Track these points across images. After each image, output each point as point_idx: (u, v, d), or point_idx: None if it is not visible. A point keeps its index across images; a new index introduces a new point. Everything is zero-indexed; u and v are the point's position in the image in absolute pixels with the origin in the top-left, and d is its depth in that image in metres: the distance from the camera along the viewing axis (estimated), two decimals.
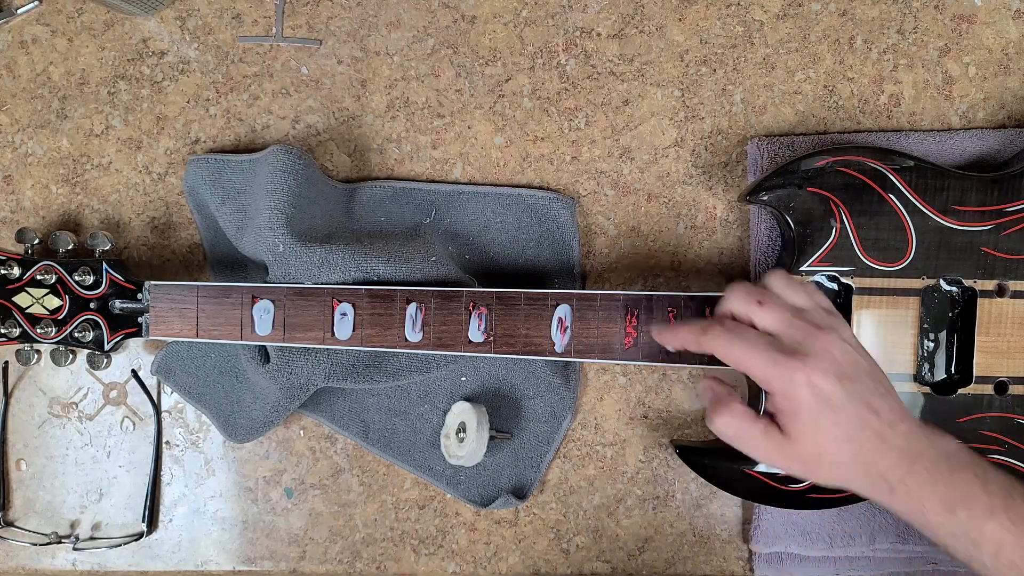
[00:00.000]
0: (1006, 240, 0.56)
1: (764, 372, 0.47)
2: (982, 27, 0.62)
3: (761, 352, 0.47)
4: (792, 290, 0.50)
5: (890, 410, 0.47)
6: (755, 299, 0.49)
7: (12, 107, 0.66)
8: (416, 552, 0.66)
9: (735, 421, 0.49)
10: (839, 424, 0.46)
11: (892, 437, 0.46)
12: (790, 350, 0.47)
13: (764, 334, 0.48)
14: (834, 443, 0.46)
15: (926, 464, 0.46)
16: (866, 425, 0.46)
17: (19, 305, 0.60)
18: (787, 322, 0.48)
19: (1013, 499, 0.45)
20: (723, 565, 0.65)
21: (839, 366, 0.46)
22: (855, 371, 0.47)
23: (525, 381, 0.64)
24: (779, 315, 0.48)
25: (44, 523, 0.67)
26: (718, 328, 0.49)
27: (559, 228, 0.63)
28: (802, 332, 0.47)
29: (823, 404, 0.46)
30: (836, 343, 0.47)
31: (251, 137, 0.65)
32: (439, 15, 0.64)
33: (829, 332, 0.47)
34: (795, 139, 0.62)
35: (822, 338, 0.47)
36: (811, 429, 0.47)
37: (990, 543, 0.44)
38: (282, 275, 0.59)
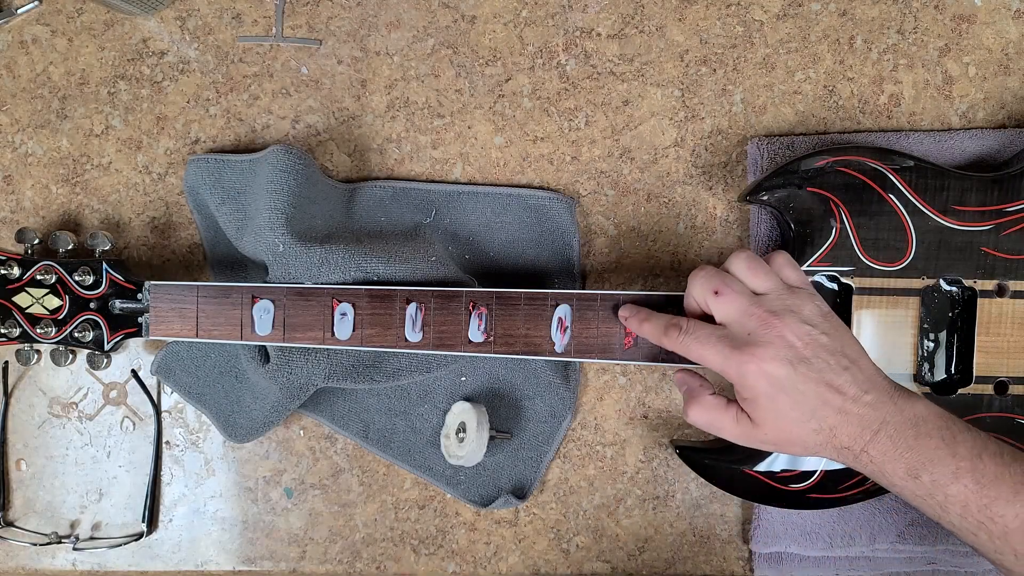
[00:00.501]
0: (1006, 240, 0.56)
1: (719, 366, 0.49)
2: (982, 27, 0.62)
3: (713, 348, 0.49)
4: (752, 273, 0.50)
5: (852, 382, 0.47)
6: (711, 288, 0.50)
7: (12, 107, 0.66)
8: (416, 552, 0.66)
9: (706, 412, 0.51)
10: (796, 406, 0.47)
11: (854, 409, 0.47)
12: (741, 343, 0.48)
13: (717, 327, 0.50)
14: (795, 424, 0.48)
15: (890, 432, 0.46)
16: (825, 403, 0.47)
17: (19, 305, 0.60)
18: (741, 311, 0.49)
19: (981, 460, 0.46)
20: (723, 565, 0.65)
21: (792, 350, 0.47)
22: (812, 351, 0.47)
23: (525, 381, 0.64)
24: (733, 305, 0.49)
25: (44, 523, 0.67)
26: (674, 331, 0.51)
27: (559, 228, 0.63)
28: (755, 321, 0.48)
29: (777, 390, 0.47)
30: (791, 326, 0.48)
31: (251, 137, 0.65)
32: (439, 15, 0.64)
33: (784, 316, 0.48)
34: (795, 139, 0.62)
35: (775, 325, 0.48)
36: (772, 414, 0.48)
37: (956, 504, 0.46)
38: (282, 275, 0.59)
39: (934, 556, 0.63)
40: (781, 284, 0.50)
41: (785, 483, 0.57)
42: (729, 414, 0.50)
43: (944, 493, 0.46)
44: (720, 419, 0.50)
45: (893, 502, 0.62)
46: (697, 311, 0.52)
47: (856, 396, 0.47)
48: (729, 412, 0.50)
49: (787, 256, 0.52)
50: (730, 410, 0.50)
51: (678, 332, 0.51)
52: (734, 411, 0.50)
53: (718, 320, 0.50)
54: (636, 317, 0.54)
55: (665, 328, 0.52)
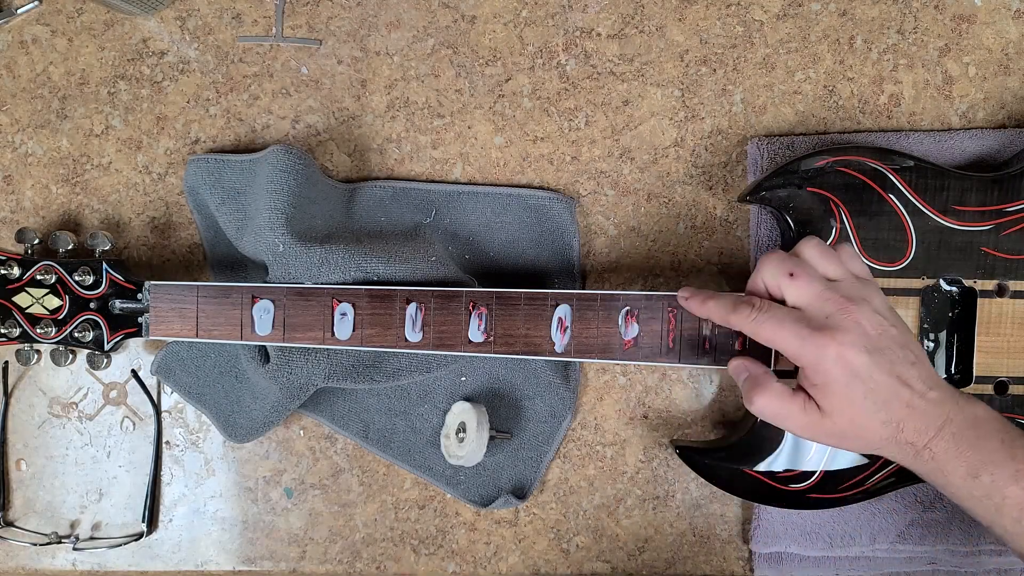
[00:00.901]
0: (1006, 240, 0.56)
1: (794, 349, 0.47)
2: (982, 27, 0.62)
3: (790, 329, 0.47)
4: (825, 259, 0.50)
5: (919, 378, 0.47)
6: (786, 271, 0.49)
7: (12, 107, 0.66)
8: (416, 552, 0.66)
9: (774, 401, 0.49)
10: (870, 395, 0.47)
11: (920, 404, 0.46)
12: (819, 325, 0.47)
13: (793, 310, 0.49)
14: (866, 414, 0.47)
15: (953, 430, 0.46)
16: (895, 395, 0.47)
17: (19, 305, 0.60)
18: (817, 295, 0.48)
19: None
20: (723, 565, 0.65)
21: (868, 338, 0.47)
22: (885, 342, 0.47)
23: (525, 381, 0.64)
24: (809, 288, 0.48)
25: (44, 523, 0.67)
26: (746, 308, 0.49)
27: (559, 228, 0.63)
28: (832, 305, 0.47)
29: (853, 377, 0.46)
30: (866, 315, 0.47)
31: (251, 137, 0.65)
32: (439, 15, 0.64)
33: (860, 304, 0.48)
34: (795, 139, 0.62)
35: (852, 311, 0.47)
36: (845, 402, 0.47)
37: (1013, 507, 0.46)
38: (282, 275, 0.59)
39: (934, 556, 0.63)
40: (850, 273, 0.50)
41: (785, 483, 0.57)
42: (797, 402, 0.48)
43: (1002, 495, 0.46)
44: (787, 407, 0.48)
45: (893, 502, 0.62)
46: (764, 295, 0.51)
47: (923, 391, 0.47)
48: (797, 400, 0.48)
49: (853, 249, 0.52)
50: (797, 398, 0.48)
51: (750, 310, 0.49)
52: (802, 399, 0.48)
53: (791, 303, 0.49)
54: (697, 297, 0.53)
55: (734, 305, 0.50)
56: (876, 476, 0.56)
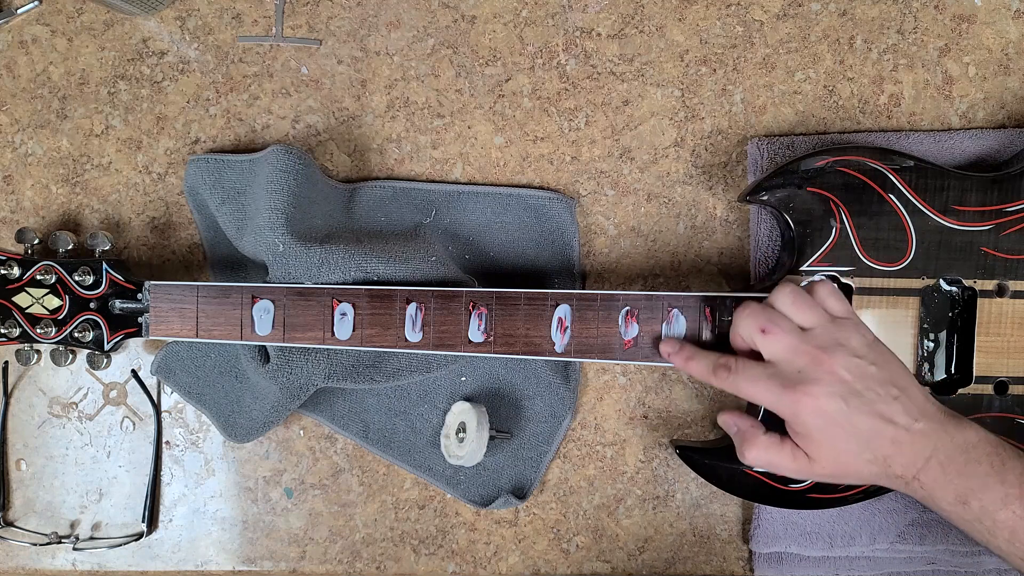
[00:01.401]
0: (1006, 240, 0.56)
1: (772, 404, 0.50)
2: (982, 27, 0.62)
3: (764, 386, 0.49)
4: (797, 307, 0.51)
5: (904, 412, 0.48)
6: (759, 325, 0.50)
7: (12, 107, 0.66)
8: (416, 552, 0.66)
9: (764, 453, 0.51)
10: (850, 439, 0.48)
11: (906, 439, 0.47)
12: (792, 381, 0.48)
13: (767, 366, 0.50)
14: (850, 456, 0.48)
15: (940, 459, 0.47)
16: (878, 433, 0.48)
17: (19, 305, 0.60)
18: (790, 348, 0.49)
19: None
20: (723, 565, 0.65)
21: (844, 385, 0.48)
22: (863, 383, 0.48)
23: (525, 381, 0.64)
24: (782, 342, 0.50)
25: (44, 523, 0.67)
26: (723, 371, 0.51)
27: (559, 228, 0.63)
28: (804, 358, 0.49)
29: (831, 425, 0.48)
30: (841, 361, 0.48)
31: (251, 137, 0.65)
32: (439, 15, 0.64)
33: (832, 352, 0.48)
34: (795, 139, 0.62)
35: (824, 361, 0.48)
36: (827, 448, 0.49)
37: (1003, 530, 0.46)
38: (282, 275, 0.59)
39: (934, 556, 0.63)
40: (826, 316, 0.51)
41: (785, 483, 0.57)
42: (785, 451, 0.50)
43: (992, 519, 0.46)
44: (777, 457, 0.51)
45: (893, 502, 0.62)
46: (744, 348, 0.52)
47: (908, 425, 0.47)
48: (785, 449, 0.50)
49: (830, 286, 0.52)
50: (785, 447, 0.50)
51: (727, 372, 0.51)
52: (789, 448, 0.50)
53: (767, 358, 0.50)
54: (680, 355, 0.54)
55: (713, 368, 0.52)
56: None
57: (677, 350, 0.55)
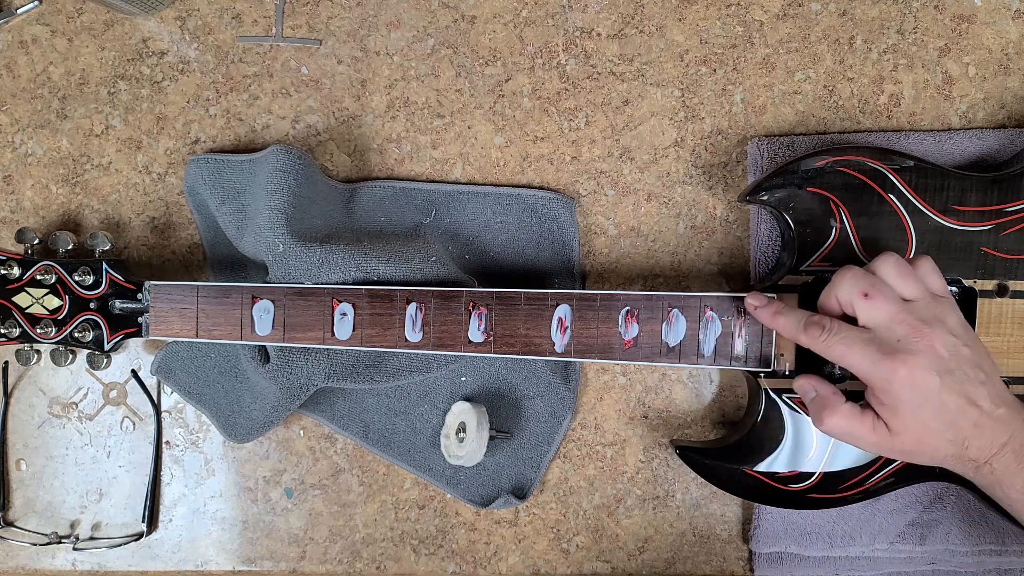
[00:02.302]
0: (1006, 240, 0.56)
1: (865, 371, 0.48)
2: (982, 27, 0.62)
3: (860, 351, 0.48)
4: (902, 278, 0.50)
5: (988, 396, 0.48)
6: (861, 290, 0.49)
7: (12, 107, 0.66)
8: (416, 552, 0.66)
9: (844, 421, 0.50)
10: (938, 416, 0.47)
11: (987, 423, 0.47)
12: (891, 349, 0.48)
13: (863, 330, 0.49)
14: (934, 434, 0.48)
15: (1014, 446, 0.47)
16: (963, 414, 0.47)
17: (19, 305, 0.60)
18: (891, 317, 0.49)
19: None
20: (723, 565, 0.65)
21: (940, 361, 0.47)
22: (956, 362, 0.48)
23: (525, 381, 0.64)
24: (884, 309, 0.49)
25: (44, 523, 0.67)
26: (816, 328, 0.50)
27: (559, 228, 0.63)
28: (905, 328, 0.48)
29: (923, 400, 0.47)
30: (940, 336, 0.48)
31: (251, 137, 0.65)
32: (439, 15, 0.64)
33: (934, 326, 0.48)
34: (795, 139, 0.62)
35: (926, 333, 0.48)
36: (913, 423, 0.48)
37: None
38: (282, 275, 0.59)
39: (934, 556, 0.63)
40: (927, 291, 0.50)
41: (785, 483, 0.57)
42: (866, 422, 0.49)
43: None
44: (858, 428, 0.49)
45: (893, 502, 0.62)
46: (837, 311, 0.51)
47: (990, 410, 0.47)
48: (866, 420, 0.49)
49: (932, 263, 0.52)
50: (867, 418, 0.49)
51: (820, 330, 0.50)
52: (871, 419, 0.49)
53: (862, 323, 0.49)
54: (767, 309, 0.53)
55: (805, 325, 0.51)
56: (876, 476, 0.56)
57: (765, 304, 0.54)
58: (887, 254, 0.51)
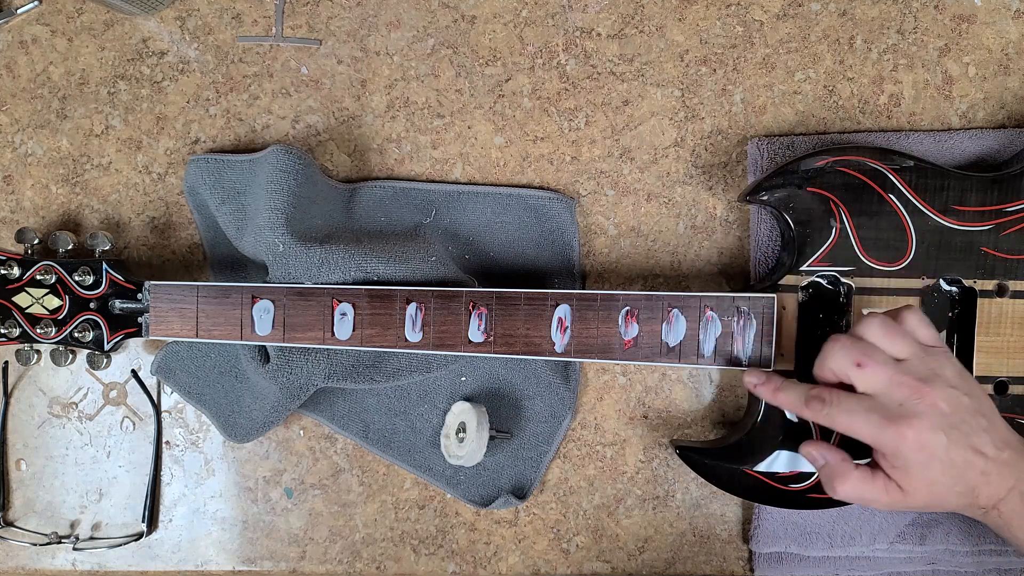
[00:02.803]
0: (1006, 240, 0.56)
1: (872, 438, 0.48)
2: (982, 27, 0.62)
3: (865, 420, 0.48)
4: (890, 338, 0.50)
5: (991, 443, 0.48)
6: (852, 361, 0.49)
7: (12, 107, 0.66)
8: (416, 552, 0.66)
9: (857, 488, 0.50)
10: (947, 472, 0.48)
11: (993, 470, 0.48)
12: (894, 414, 0.48)
13: (864, 398, 0.49)
14: (944, 489, 0.48)
15: (1021, 489, 0.48)
16: (970, 466, 0.47)
17: (19, 305, 0.60)
18: (888, 381, 0.48)
19: None
20: (723, 565, 0.65)
21: (944, 417, 0.47)
22: (959, 415, 0.48)
23: (525, 381, 0.64)
24: (879, 375, 0.49)
25: (44, 523, 0.67)
26: (817, 403, 0.50)
27: (559, 228, 0.63)
28: (905, 390, 0.48)
29: (931, 459, 0.47)
30: (940, 393, 0.48)
31: (251, 137, 0.65)
32: (439, 15, 0.64)
33: (932, 383, 0.48)
34: (795, 139, 0.62)
35: (926, 393, 0.48)
36: (923, 482, 0.48)
37: None
38: (282, 275, 0.59)
39: (934, 556, 0.63)
40: (919, 346, 0.50)
41: (785, 483, 0.57)
42: (878, 485, 0.49)
43: None
44: (871, 492, 0.49)
45: None
46: (832, 381, 0.51)
47: (995, 456, 0.47)
48: (877, 483, 0.49)
49: (919, 315, 0.51)
50: (878, 481, 0.49)
51: (821, 404, 0.50)
52: (882, 481, 0.49)
53: (861, 391, 0.49)
54: (767, 386, 0.54)
55: (806, 400, 0.51)
56: None
57: (764, 381, 0.54)
58: (871, 317, 0.51)
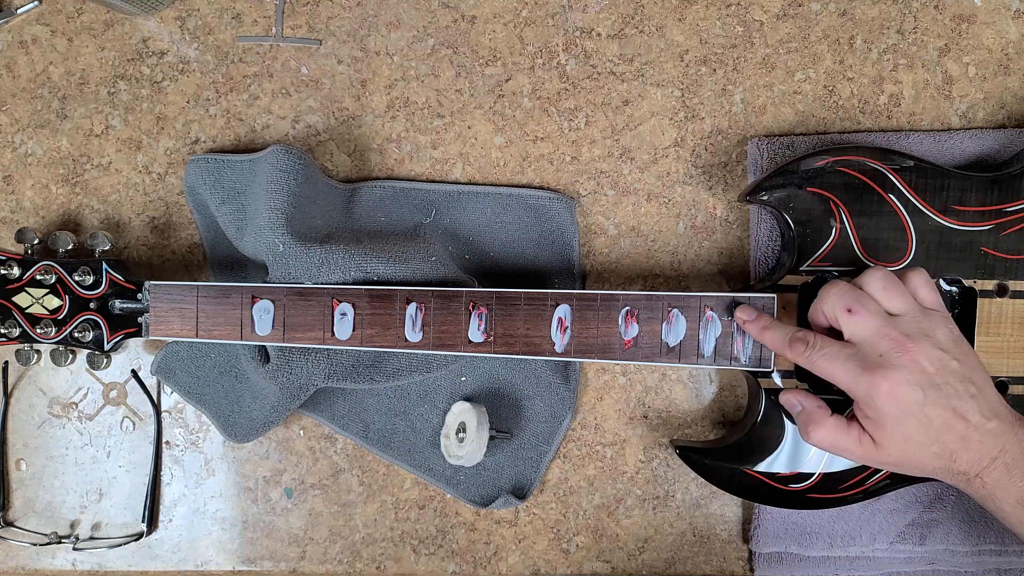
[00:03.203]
0: (1006, 240, 0.56)
1: (847, 385, 0.49)
2: (982, 27, 0.62)
3: (843, 366, 0.49)
4: (888, 292, 0.50)
5: (977, 410, 0.48)
6: (845, 305, 0.50)
7: (12, 107, 0.66)
8: (416, 552, 0.66)
9: (830, 434, 0.50)
10: (922, 430, 0.48)
11: (975, 436, 0.47)
12: (872, 363, 0.48)
13: (846, 345, 0.49)
14: (918, 447, 0.48)
15: (1006, 460, 0.47)
16: (949, 428, 0.47)
17: (19, 305, 0.60)
18: (874, 331, 0.49)
19: None
20: (723, 565, 0.65)
21: (925, 375, 0.47)
22: (943, 376, 0.48)
23: (525, 381, 0.64)
24: (867, 324, 0.49)
25: (44, 523, 0.67)
26: (800, 344, 0.51)
27: (559, 228, 0.63)
28: (888, 343, 0.48)
29: (905, 414, 0.47)
30: (924, 351, 0.48)
31: (251, 137, 0.65)
32: (439, 15, 0.64)
33: (918, 340, 0.48)
34: (795, 139, 0.62)
35: (909, 348, 0.48)
36: (897, 437, 0.48)
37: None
38: (282, 275, 0.59)
39: (934, 556, 0.63)
40: (916, 305, 0.50)
41: (785, 483, 0.57)
42: (852, 435, 0.50)
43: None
44: (844, 440, 0.50)
45: (893, 502, 0.62)
46: (824, 324, 0.52)
47: (979, 424, 0.47)
48: (852, 433, 0.50)
49: (924, 275, 0.52)
50: (852, 431, 0.50)
51: (804, 346, 0.50)
52: (856, 431, 0.50)
53: (847, 337, 0.50)
54: (755, 323, 0.54)
55: (790, 341, 0.51)
56: (875, 477, 0.56)
57: (753, 318, 0.54)
58: (875, 269, 0.51)
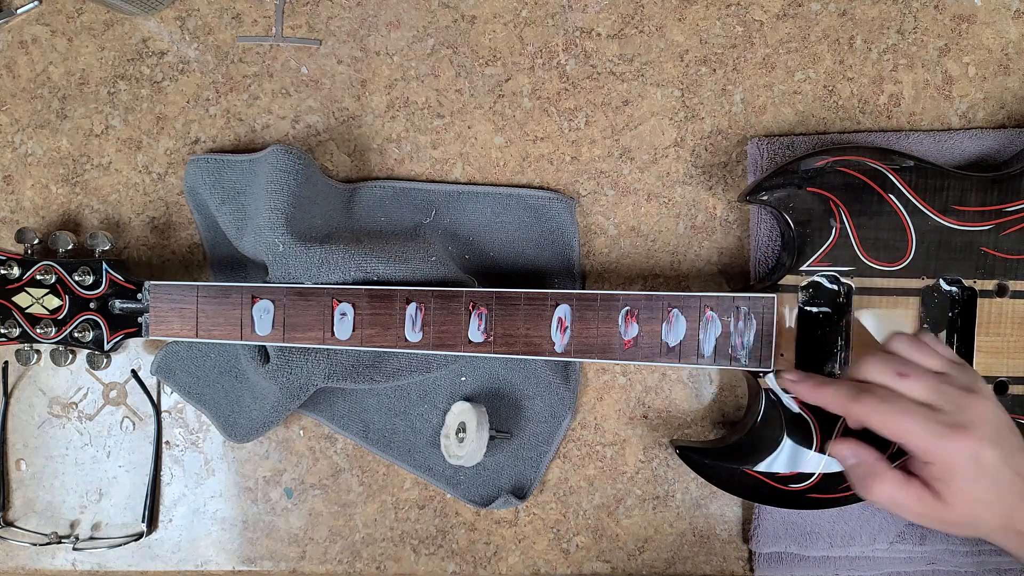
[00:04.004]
0: (1006, 240, 0.56)
1: (927, 444, 0.47)
2: (982, 27, 0.62)
3: (922, 425, 0.46)
4: (922, 354, 0.49)
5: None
6: (895, 370, 0.48)
7: (12, 107, 0.66)
8: (416, 552, 0.66)
9: (891, 490, 0.48)
10: (991, 490, 0.46)
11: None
12: (952, 422, 0.46)
13: (921, 405, 0.47)
14: (984, 506, 0.47)
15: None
16: (1012, 487, 0.46)
17: (19, 305, 0.60)
18: (937, 391, 0.47)
19: None
20: (723, 565, 0.65)
21: (996, 431, 0.46)
22: (1004, 431, 0.47)
23: (525, 381, 0.64)
24: (924, 383, 0.47)
25: (44, 523, 0.67)
26: (870, 398, 0.48)
27: (559, 228, 0.63)
28: (955, 400, 0.47)
29: (980, 473, 0.46)
30: (988, 405, 0.47)
31: (251, 137, 0.65)
32: (439, 15, 0.64)
33: (978, 395, 0.47)
34: (795, 139, 0.62)
35: (976, 404, 0.47)
36: (967, 496, 0.47)
37: None
38: (282, 275, 0.59)
39: (934, 556, 0.63)
40: (949, 361, 0.50)
41: (785, 483, 0.57)
42: (912, 491, 0.48)
43: None
44: (904, 497, 0.48)
45: None
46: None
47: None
48: (912, 489, 0.48)
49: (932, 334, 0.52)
50: (913, 487, 0.48)
51: (876, 400, 0.48)
52: (917, 488, 0.47)
53: None
54: (807, 383, 0.52)
55: (857, 394, 0.48)
56: None
57: (803, 379, 0.52)
58: (897, 334, 0.50)
